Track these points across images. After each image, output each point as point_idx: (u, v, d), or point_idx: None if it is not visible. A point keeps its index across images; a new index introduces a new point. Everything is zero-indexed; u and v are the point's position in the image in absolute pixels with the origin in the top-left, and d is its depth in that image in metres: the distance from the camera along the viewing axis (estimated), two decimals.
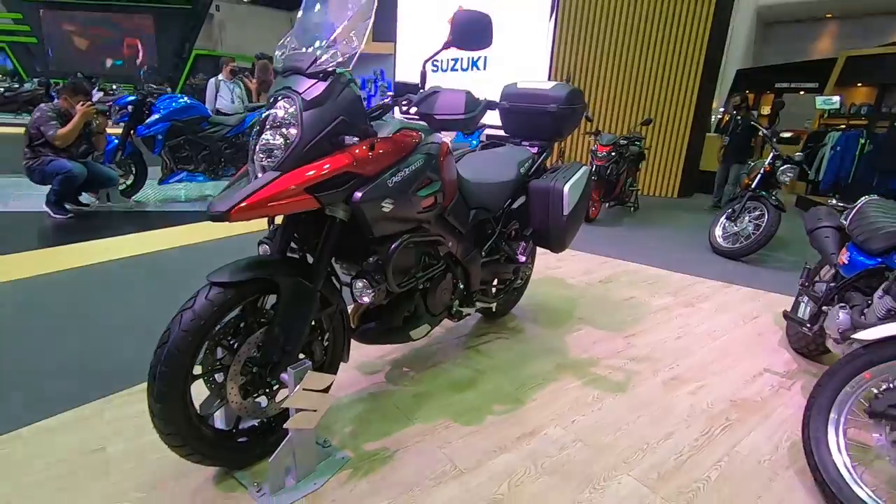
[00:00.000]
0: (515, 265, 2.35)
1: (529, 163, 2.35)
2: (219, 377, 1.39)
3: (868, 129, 7.29)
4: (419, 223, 1.66)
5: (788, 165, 4.30)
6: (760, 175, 4.41)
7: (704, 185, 7.61)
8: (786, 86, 11.50)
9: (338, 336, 1.61)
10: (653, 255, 4.13)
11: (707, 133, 8.13)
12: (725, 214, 4.56)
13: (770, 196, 4.29)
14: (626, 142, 5.67)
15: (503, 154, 2.37)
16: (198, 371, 1.34)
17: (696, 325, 2.81)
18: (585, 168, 2.38)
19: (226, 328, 1.37)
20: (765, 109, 12.53)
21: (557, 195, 2.18)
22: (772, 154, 4.44)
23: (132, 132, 4.62)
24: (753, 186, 4.42)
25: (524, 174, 2.27)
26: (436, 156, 1.63)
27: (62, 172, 3.86)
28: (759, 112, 12.34)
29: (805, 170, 4.57)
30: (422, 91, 1.46)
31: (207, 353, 1.35)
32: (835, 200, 2.35)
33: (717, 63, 7.85)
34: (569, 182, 2.20)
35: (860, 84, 9.35)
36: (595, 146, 5.42)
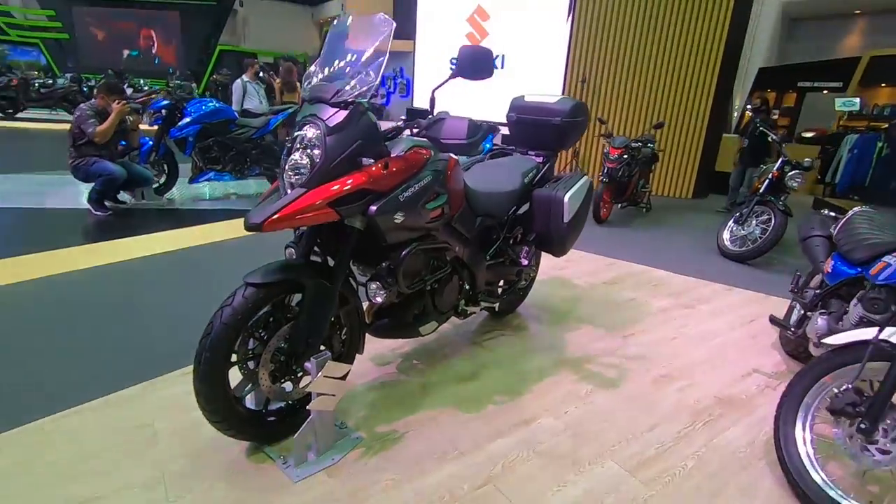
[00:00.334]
0: (519, 268, 2.53)
1: (533, 172, 2.52)
2: (251, 364, 1.62)
3: (888, 133, 7.20)
4: (428, 231, 1.85)
5: (797, 171, 4.36)
6: (768, 180, 4.48)
7: (720, 187, 7.61)
8: (808, 85, 11.33)
9: (354, 330, 1.82)
10: (659, 258, 4.25)
11: (724, 134, 8.12)
12: (733, 218, 4.64)
13: (777, 201, 4.37)
14: (639, 144, 5.76)
15: (509, 164, 2.54)
16: (234, 359, 1.56)
17: (693, 327, 2.95)
18: (586, 178, 2.55)
19: (258, 322, 1.59)
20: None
21: (558, 203, 2.35)
22: (780, 159, 4.50)
23: (165, 134, 4.93)
24: (762, 191, 4.49)
25: (528, 183, 2.44)
26: (443, 171, 1.82)
27: (105, 174, 4.17)
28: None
29: (815, 174, 4.61)
30: (430, 117, 1.66)
31: (242, 344, 1.58)
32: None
33: (735, 63, 7.84)
34: (569, 191, 2.37)
35: (884, 85, 9.20)
36: (607, 149, 5.53)
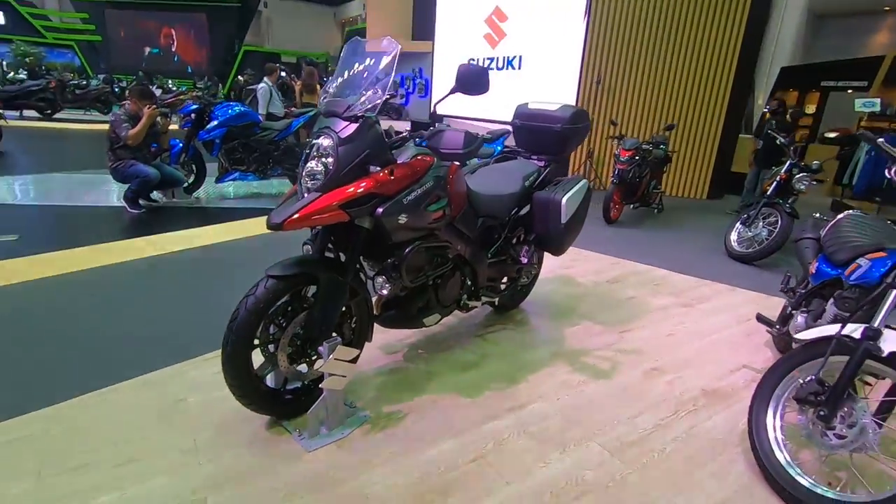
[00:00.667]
0: (519, 266, 2.69)
1: (535, 176, 2.68)
2: (272, 347, 1.83)
3: None
4: (430, 231, 2.04)
5: (804, 174, 4.41)
6: (776, 182, 4.54)
7: (737, 188, 7.60)
8: (832, 84, 11.13)
9: (363, 320, 2.02)
10: (665, 258, 4.35)
11: (741, 135, 8.09)
12: (741, 220, 4.71)
13: (785, 203, 4.43)
14: (650, 146, 5.84)
15: (511, 168, 2.71)
16: (256, 342, 1.77)
17: (690, 324, 3.07)
18: (584, 182, 2.70)
19: (278, 310, 1.80)
20: (810, 108, 12.18)
21: (556, 206, 2.51)
22: (788, 162, 4.56)
23: (194, 137, 5.23)
24: (769, 193, 4.55)
25: (528, 186, 2.61)
26: (444, 177, 2.00)
27: (141, 176, 4.50)
28: (804, 111, 11.99)
29: (820, 179, 4.64)
30: (431, 129, 1.84)
31: (264, 329, 1.79)
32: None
33: (753, 62, 7.81)
34: (567, 194, 2.53)
35: None
36: (618, 150, 5.63)
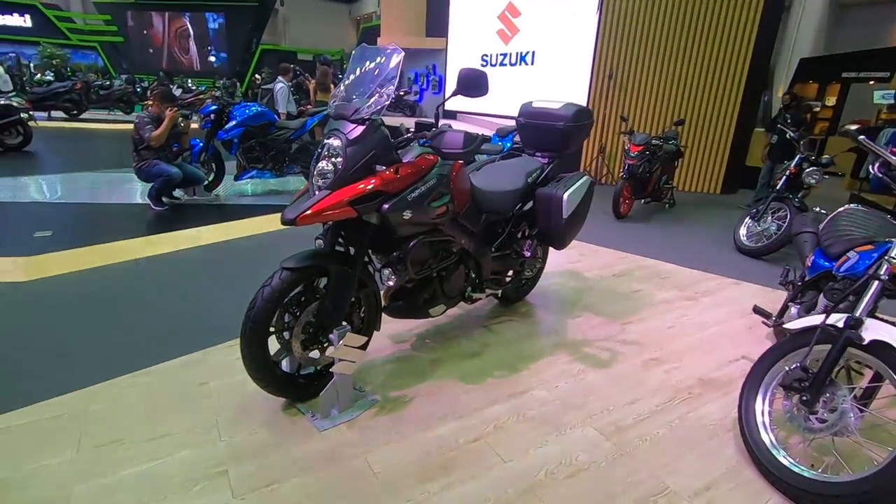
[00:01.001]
0: (522, 259, 2.79)
1: (538, 172, 2.77)
2: (286, 335, 1.97)
3: None
4: (434, 226, 2.15)
5: (814, 168, 4.41)
6: (786, 176, 4.54)
7: (751, 182, 7.55)
8: (854, 75, 10.90)
9: (371, 309, 2.15)
10: (673, 252, 4.40)
11: (756, 129, 8.02)
12: (750, 214, 4.72)
13: (794, 197, 4.43)
14: (660, 141, 5.86)
15: (515, 165, 2.81)
16: (272, 330, 1.91)
17: (692, 317, 3.14)
18: (587, 178, 2.78)
19: (292, 300, 1.93)
20: (830, 100, 11.95)
21: (558, 201, 2.60)
22: (798, 156, 4.55)
23: (214, 136, 5.43)
24: (778, 188, 4.56)
25: (531, 183, 2.70)
26: (447, 175, 2.11)
27: (164, 175, 4.72)
28: (825, 103, 11.78)
29: (835, 172, 4.62)
30: (434, 129, 1.96)
31: (279, 318, 1.93)
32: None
33: (769, 55, 7.72)
34: (568, 190, 2.62)
35: None
36: (628, 146, 5.66)
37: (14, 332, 2.54)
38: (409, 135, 1.99)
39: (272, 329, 1.90)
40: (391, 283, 2.05)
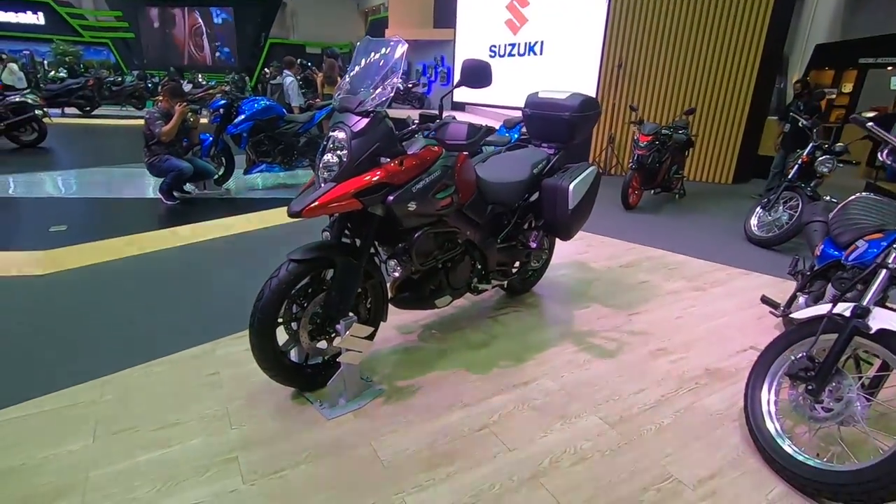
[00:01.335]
0: (528, 251, 2.80)
1: (543, 163, 2.76)
2: (294, 325, 2.00)
3: None
4: (439, 217, 2.16)
5: (827, 156, 4.34)
6: (798, 165, 4.48)
7: (764, 171, 7.43)
8: (871, 61, 10.65)
9: (377, 300, 2.18)
10: (682, 243, 4.37)
11: (769, 117, 7.88)
12: (761, 204, 4.67)
13: (807, 186, 4.37)
14: (670, 130, 5.79)
15: (521, 156, 2.80)
16: (280, 320, 1.94)
17: (700, 308, 3.12)
18: (593, 168, 2.77)
19: (299, 291, 1.96)
20: (846, 87, 11.69)
21: (563, 192, 2.60)
22: (811, 144, 4.48)
23: (223, 131, 5.48)
24: (790, 177, 4.50)
25: (537, 174, 2.70)
26: (452, 166, 2.12)
27: (175, 170, 4.79)
28: (841, 90, 11.54)
29: (849, 160, 4.54)
30: (438, 121, 1.96)
31: (287, 309, 1.96)
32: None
33: (782, 42, 7.58)
34: (574, 181, 2.61)
35: None
36: (637, 136, 5.61)
37: (32, 324, 2.61)
38: (414, 126, 2.00)
39: (280, 320, 1.93)
40: (397, 275, 2.07)
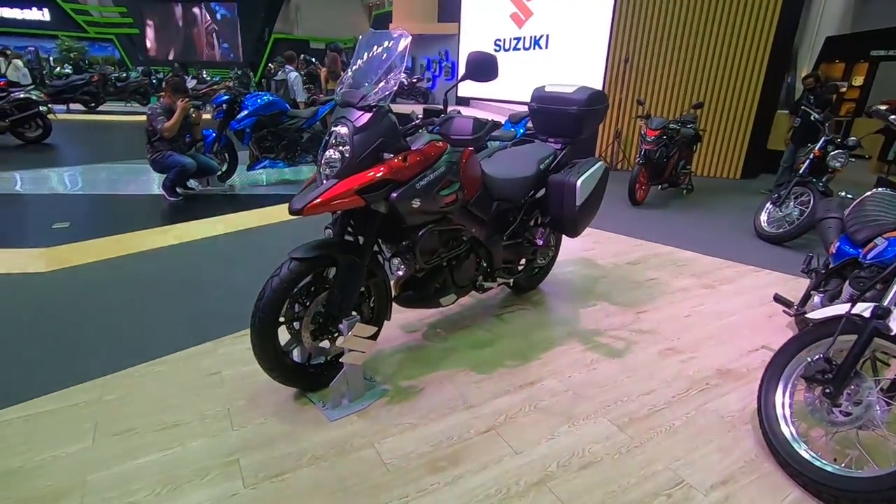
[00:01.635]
0: (535, 248, 2.74)
1: (550, 159, 2.71)
2: (296, 325, 1.96)
3: None
4: (444, 214, 2.12)
5: (840, 151, 4.25)
6: (809, 160, 4.39)
7: (773, 166, 7.31)
8: (883, 53, 10.47)
9: (381, 299, 2.13)
10: (690, 239, 4.30)
11: (778, 110, 7.76)
12: (771, 199, 4.59)
13: (818, 182, 4.28)
14: (677, 125, 5.71)
15: (527, 151, 2.75)
16: (282, 320, 1.91)
17: (710, 306, 3.06)
18: (601, 164, 2.71)
19: (301, 290, 1.92)
20: (857, 80, 11.51)
21: (571, 188, 2.54)
22: (823, 138, 4.39)
23: (226, 126, 5.44)
24: (802, 171, 4.41)
25: (543, 170, 2.65)
26: (457, 162, 2.07)
27: (178, 166, 4.76)
28: (851, 83, 11.36)
29: (862, 154, 4.44)
30: (442, 116, 1.91)
31: (288, 308, 1.92)
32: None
33: (792, 35, 7.44)
34: (582, 177, 2.56)
35: None
36: (644, 130, 5.53)
37: (33, 323, 2.59)
38: (418, 121, 1.95)
39: (282, 319, 1.89)
40: (401, 273, 2.02)
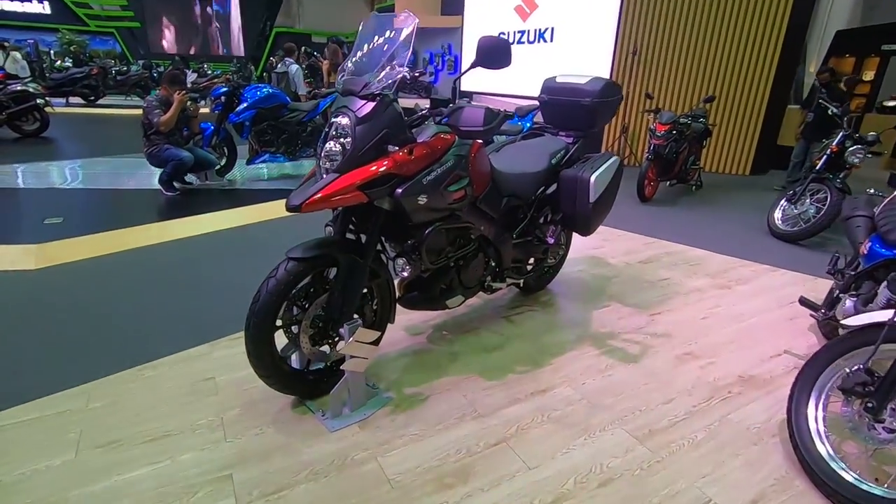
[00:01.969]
0: (545, 246, 2.62)
1: (562, 153, 2.58)
2: (294, 329, 1.84)
3: None
4: (452, 212, 1.99)
5: (858, 146, 4.10)
6: (826, 156, 4.24)
7: (783, 162, 7.16)
8: (894, 48, 10.27)
9: (384, 301, 2.01)
10: (702, 237, 4.17)
11: (789, 105, 7.59)
12: (786, 196, 4.45)
13: (835, 178, 4.14)
14: (688, 119, 5.56)
15: (537, 145, 2.61)
16: (279, 324, 1.78)
17: (726, 307, 2.93)
18: (615, 159, 2.58)
19: (299, 292, 1.80)
20: (868, 75, 11.32)
21: (584, 184, 2.41)
22: (841, 133, 4.24)
23: (225, 120, 5.30)
24: (818, 167, 4.27)
25: (555, 165, 2.51)
26: (465, 156, 1.93)
27: (175, 160, 4.63)
28: (861, 78, 11.17)
29: (878, 151, 4.30)
30: (451, 105, 1.77)
31: (286, 311, 1.79)
32: None
33: (804, 29, 7.27)
34: (595, 172, 2.42)
35: None
36: (653, 125, 5.38)
37: (19, 324, 2.47)
38: (424, 112, 1.81)
39: (279, 323, 1.77)
40: (406, 274, 1.90)
